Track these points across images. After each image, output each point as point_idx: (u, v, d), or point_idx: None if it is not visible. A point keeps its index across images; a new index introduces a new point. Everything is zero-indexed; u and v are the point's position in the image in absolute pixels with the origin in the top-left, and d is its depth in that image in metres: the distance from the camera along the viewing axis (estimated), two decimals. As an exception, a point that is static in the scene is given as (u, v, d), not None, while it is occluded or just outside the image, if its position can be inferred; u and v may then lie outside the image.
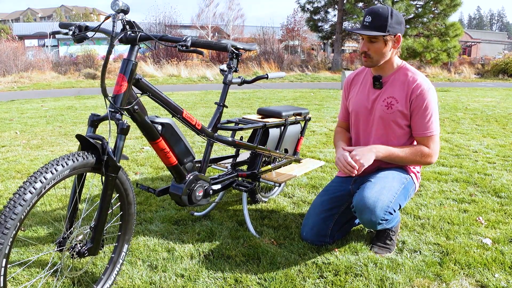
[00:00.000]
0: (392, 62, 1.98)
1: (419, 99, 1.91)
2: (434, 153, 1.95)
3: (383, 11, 1.84)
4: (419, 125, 1.94)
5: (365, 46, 1.91)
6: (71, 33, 1.54)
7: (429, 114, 1.91)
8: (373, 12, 1.85)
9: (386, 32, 1.84)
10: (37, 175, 1.26)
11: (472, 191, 2.93)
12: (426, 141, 1.94)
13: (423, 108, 1.91)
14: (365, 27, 1.86)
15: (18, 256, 1.90)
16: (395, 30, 1.87)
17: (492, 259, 1.93)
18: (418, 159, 1.95)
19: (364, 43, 1.91)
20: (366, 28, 1.85)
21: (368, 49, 1.91)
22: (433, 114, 1.92)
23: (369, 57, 1.92)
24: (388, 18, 1.83)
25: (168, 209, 2.52)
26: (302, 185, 3.02)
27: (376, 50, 1.90)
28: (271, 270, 1.82)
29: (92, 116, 1.49)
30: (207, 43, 1.49)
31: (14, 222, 1.20)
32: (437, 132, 1.95)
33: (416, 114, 1.93)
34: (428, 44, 16.07)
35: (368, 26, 1.85)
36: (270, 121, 2.37)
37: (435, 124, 1.94)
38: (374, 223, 1.84)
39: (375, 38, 1.87)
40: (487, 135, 5.01)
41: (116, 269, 1.69)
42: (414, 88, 1.91)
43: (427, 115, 1.91)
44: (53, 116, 6.25)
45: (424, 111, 1.91)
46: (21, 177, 3.15)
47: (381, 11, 1.84)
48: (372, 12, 1.85)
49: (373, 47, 1.90)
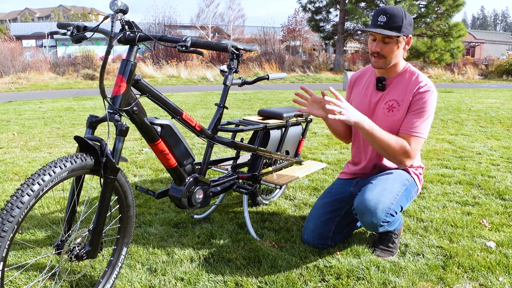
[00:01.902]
0: (398, 64, 1.94)
1: (417, 98, 1.87)
2: (413, 154, 1.85)
3: (398, 12, 1.80)
4: (409, 121, 1.87)
5: (378, 46, 1.84)
6: (69, 33, 1.52)
7: (423, 114, 1.85)
8: (388, 12, 1.79)
9: (401, 33, 1.80)
10: (35, 177, 1.25)
11: (476, 193, 2.91)
12: (409, 140, 1.85)
13: (419, 106, 1.86)
14: (380, 26, 1.80)
15: (16, 259, 1.89)
16: (408, 32, 1.83)
17: (496, 262, 1.91)
18: (397, 153, 1.83)
19: (377, 44, 1.85)
20: (381, 27, 1.80)
21: (381, 49, 1.85)
22: (427, 116, 1.86)
23: (382, 58, 1.86)
24: (403, 18, 1.80)
25: (167, 211, 2.50)
26: (304, 187, 3.00)
27: (389, 51, 1.84)
28: (272, 274, 1.80)
29: (90, 118, 1.48)
30: (207, 44, 1.47)
31: (12, 224, 1.19)
32: (424, 137, 1.87)
33: (411, 110, 1.88)
34: (431, 44, 16.04)
35: (383, 26, 1.79)
36: (271, 122, 2.35)
37: (424, 127, 1.86)
38: (375, 225, 1.82)
39: (390, 38, 1.82)
40: (491, 137, 4.99)
41: (115, 273, 1.67)
42: (417, 89, 1.88)
43: (421, 115, 1.86)
44: (51, 118, 6.23)
45: (420, 110, 1.86)
46: (19, 179, 3.13)
47: (396, 12, 1.79)
48: (387, 12, 1.79)
49: (386, 48, 1.84)
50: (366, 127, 1.77)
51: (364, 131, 1.79)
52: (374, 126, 1.79)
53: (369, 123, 1.78)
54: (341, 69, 18.61)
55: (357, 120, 1.74)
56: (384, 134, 1.81)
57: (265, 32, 19.80)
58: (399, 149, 1.83)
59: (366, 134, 1.80)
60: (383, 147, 1.82)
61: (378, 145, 1.82)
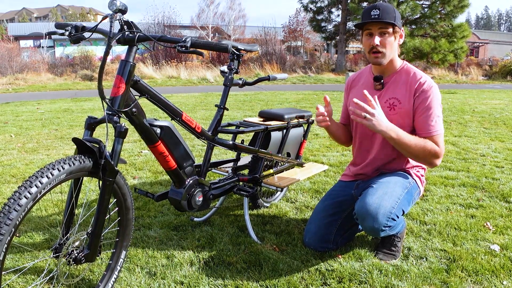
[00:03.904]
0: (395, 61, 1.95)
1: (422, 97, 1.86)
2: (441, 153, 1.87)
3: (389, 6, 1.85)
4: (425, 124, 1.87)
5: (376, 39, 1.85)
6: (68, 33, 1.51)
7: (433, 113, 1.86)
8: (379, 7, 1.83)
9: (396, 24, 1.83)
10: (32, 180, 1.24)
11: (480, 196, 2.88)
12: (433, 141, 1.86)
13: (426, 106, 1.86)
14: (374, 20, 1.83)
15: (13, 263, 1.87)
16: (399, 25, 1.87)
17: (500, 266, 1.89)
18: (427, 156, 1.83)
19: (374, 37, 1.86)
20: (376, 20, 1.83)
21: (379, 42, 1.86)
22: (436, 113, 1.86)
23: (381, 52, 1.87)
24: (394, 11, 1.84)
25: (167, 214, 2.49)
26: (305, 189, 2.98)
27: (388, 43, 1.86)
28: (273, 277, 1.79)
29: (89, 119, 1.47)
30: (207, 44, 1.47)
31: (9, 227, 1.18)
32: (442, 132, 1.88)
33: (419, 112, 1.88)
34: (435, 45, 16.02)
35: (377, 19, 1.82)
36: (272, 124, 2.34)
37: (440, 123, 1.87)
38: (377, 230, 1.80)
39: (387, 29, 1.84)
40: (495, 139, 4.96)
41: (113, 276, 1.66)
42: (418, 86, 1.88)
43: (431, 114, 1.86)
44: (49, 119, 6.21)
45: (428, 109, 1.86)
46: (16, 181, 3.12)
47: (387, 6, 1.84)
48: (378, 6, 1.83)
49: (384, 40, 1.86)
50: (394, 136, 1.78)
51: (392, 141, 1.80)
52: (402, 133, 1.79)
53: (397, 131, 1.78)
54: (343, 69, 18.57)
55: (383, 129, 1.75)
56: (412, 139, 1.81)
57: (266, 32, 19.76)
58: (429, 152, 1.83)
59: (395, 143, 1.81)
60: (413, 153, 1.84)
61: (407, 151, 1.84)
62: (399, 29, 1.88)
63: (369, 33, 1.88)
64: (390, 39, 1.86)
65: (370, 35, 1.88)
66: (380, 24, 1.83)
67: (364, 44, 1.92)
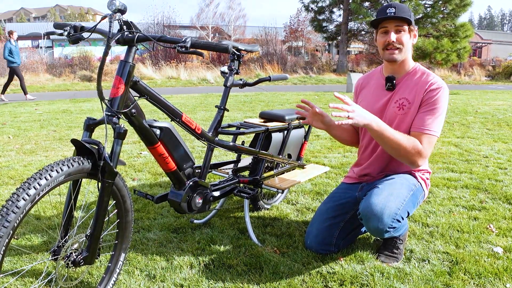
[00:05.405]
0: (408, 61, 1.94)
1: (428, 95, 1.85)
2: (425, 153, 1.80)
3: (404, 6, 1.85)
4: (421, 119, 1.84)
5: (392, 36, 1.85)
6: (66, 33, 1.51)
7: (435, 112, 1.83)
8: (395, 5, 1.83)
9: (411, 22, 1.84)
10: (30, 181, 1.24)
11: (483, 197, 2.87)
12: (421, 138, 1.81)
13: (431, 102, 1.83)
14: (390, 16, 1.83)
15: (11, 266, 1.86)
16: (414, 24, 1.88)
17: (503, 269, 1.88)
18: (409, 153, 1.77)
19: (390, 34, 1.85)
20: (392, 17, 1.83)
21: (396, 38, 1.85)
22: (438, 114, 1.83)
23: (397, 48, 1.86)
24: (409, 11, 1.85)
25: (166, 216, 2.47)
26: (306, 191, 2.97)
27: (404, 41, 1.86)
28: (274, 280, 1.78)
29: (88, 120, 1.46)
30: (207, 44, 1.46)
31: (7, 230, 1.18)
32: (436, 135, 1.83)
33: (422, 107, 1.86)
34: (438, 45, 15.99)
35: (394, 16, 1.82)
36: (273, 125, 2.33)
37: (437, 124, 1.83)
38: (381, 230, 1.79)
39: (402, 27, 1.84)
40: (498, 140, 4.95)
41: (112, 279, 1.66)
42: (428, 86, 1.86)
43: (432, 112, 1.83)
44: (47, 120, 6.21)
45: (431, 105, 1.83)
46: (14, 183, 3.10)
47: (402, 5, 1.85)
48: (394, 5, 1.83)
49: (400, 37, 1.86)
50: (375, 127, 1.72)
51: (373, 133, 1.75)
52: (384, 126, 1.75)
53: (378, 123, 1.74)
54: (344, 70, 18.54)
55: (367, 122, 1.71)
56: (395, 133, 1.76)
57: (266, 32, 19.76)
58: (411, 148, 1.78)
59: (376, 135, 1.76)
60: (394, 147, 1.78)
61: (388, 145, 1.78)
62: (413, 28, 1.88)
63: (385, 30, 1.87)
64: (405, 36, 1.86)
65: (385, 33, 1.87)
66: (397, 21, 1.83)
67: (379, 41, 1.91)
